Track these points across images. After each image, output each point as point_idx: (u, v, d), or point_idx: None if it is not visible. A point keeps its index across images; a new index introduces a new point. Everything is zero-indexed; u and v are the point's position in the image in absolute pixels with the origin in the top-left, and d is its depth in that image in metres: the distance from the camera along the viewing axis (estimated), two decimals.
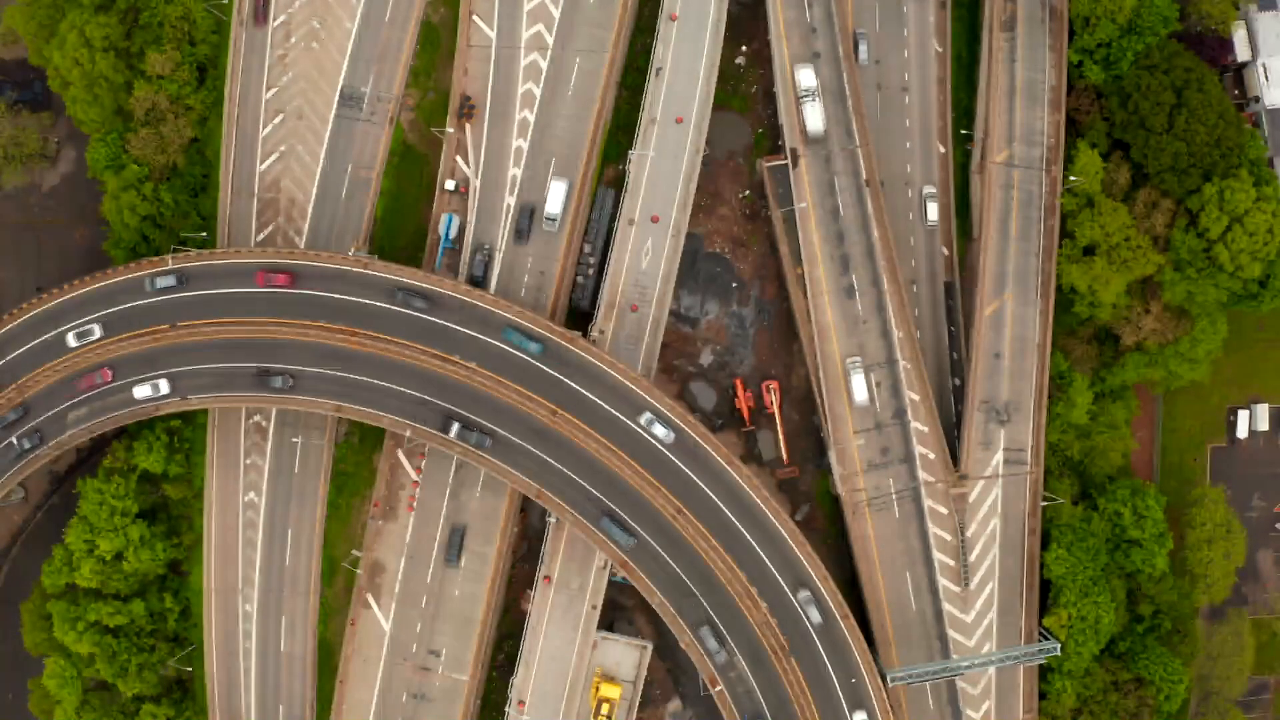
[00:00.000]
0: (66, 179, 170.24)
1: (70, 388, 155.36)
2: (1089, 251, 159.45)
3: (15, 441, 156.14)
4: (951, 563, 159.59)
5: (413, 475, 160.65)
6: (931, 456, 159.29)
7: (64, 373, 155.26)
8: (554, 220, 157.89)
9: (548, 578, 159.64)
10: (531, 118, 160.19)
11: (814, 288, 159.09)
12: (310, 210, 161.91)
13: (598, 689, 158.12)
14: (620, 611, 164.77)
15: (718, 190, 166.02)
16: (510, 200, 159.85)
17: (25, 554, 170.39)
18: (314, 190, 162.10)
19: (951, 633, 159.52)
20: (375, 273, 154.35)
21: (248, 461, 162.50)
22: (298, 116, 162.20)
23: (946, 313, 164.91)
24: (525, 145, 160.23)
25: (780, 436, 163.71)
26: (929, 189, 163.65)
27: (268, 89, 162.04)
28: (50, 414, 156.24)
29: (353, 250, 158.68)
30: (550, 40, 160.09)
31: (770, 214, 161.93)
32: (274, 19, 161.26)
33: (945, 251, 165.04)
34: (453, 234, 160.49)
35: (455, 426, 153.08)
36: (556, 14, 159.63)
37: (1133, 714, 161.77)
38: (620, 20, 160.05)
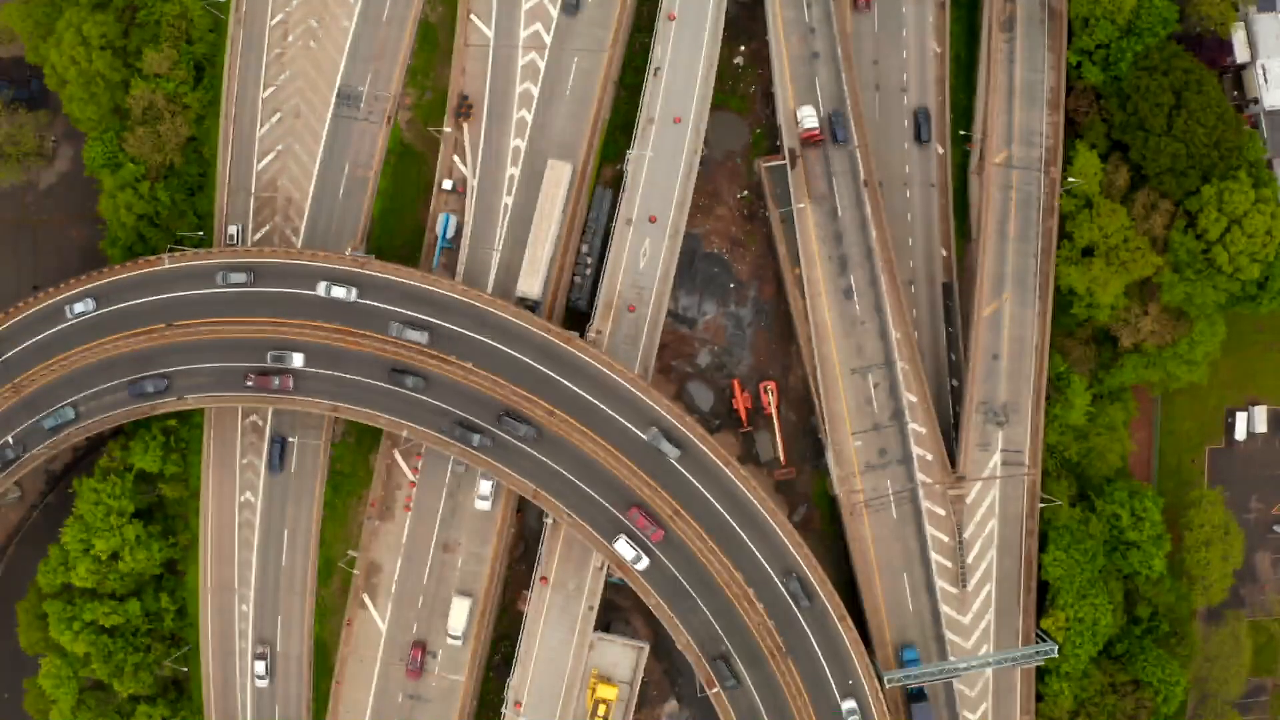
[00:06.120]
0: (63, 177, 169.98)
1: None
2: (1087, 253, 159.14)
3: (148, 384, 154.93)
4: (949, 564, 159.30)
5: (409, 475, 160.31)
6: (929, 458, 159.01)
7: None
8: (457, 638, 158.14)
9: (544, 578, 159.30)
10: (529, 117, 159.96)
11: (812, 288, 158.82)
12: (307, 209, 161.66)
13: (594, 690, 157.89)
14: (617, 612, 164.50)
15: (716, 190, 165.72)
16: (508, 200, 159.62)
17: (21, 553, 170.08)
18: (311, 189, 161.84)
19: (949, 634, 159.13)
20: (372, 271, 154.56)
21: (244, 461, 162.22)
22: (295, 115, 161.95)
23: (944, 314, 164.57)
24: (523, 145, 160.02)
25: (778, 437, 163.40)
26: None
27: (265, 88, 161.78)
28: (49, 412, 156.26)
29: (349, 250, 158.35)
30: (548, 39, 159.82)
31: (768, 214, 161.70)
32: (271, 18, 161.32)
33: (944, 252, 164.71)
34: (450, 233, 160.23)
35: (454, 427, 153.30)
36: (555, 13, 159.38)
37: (1130, 716, 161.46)
38: (618, 20, 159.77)
